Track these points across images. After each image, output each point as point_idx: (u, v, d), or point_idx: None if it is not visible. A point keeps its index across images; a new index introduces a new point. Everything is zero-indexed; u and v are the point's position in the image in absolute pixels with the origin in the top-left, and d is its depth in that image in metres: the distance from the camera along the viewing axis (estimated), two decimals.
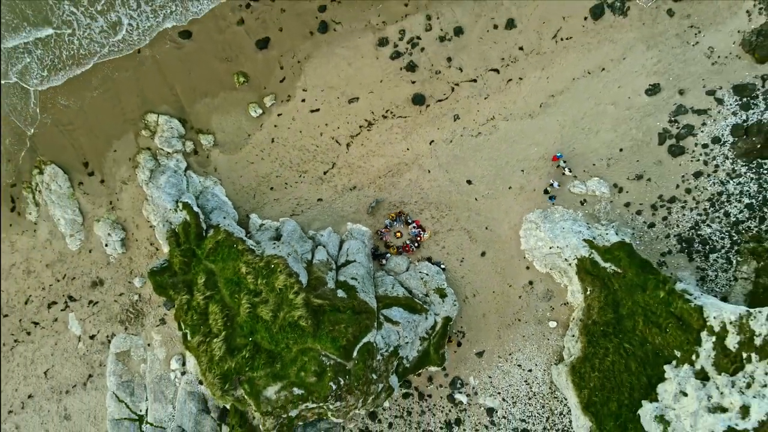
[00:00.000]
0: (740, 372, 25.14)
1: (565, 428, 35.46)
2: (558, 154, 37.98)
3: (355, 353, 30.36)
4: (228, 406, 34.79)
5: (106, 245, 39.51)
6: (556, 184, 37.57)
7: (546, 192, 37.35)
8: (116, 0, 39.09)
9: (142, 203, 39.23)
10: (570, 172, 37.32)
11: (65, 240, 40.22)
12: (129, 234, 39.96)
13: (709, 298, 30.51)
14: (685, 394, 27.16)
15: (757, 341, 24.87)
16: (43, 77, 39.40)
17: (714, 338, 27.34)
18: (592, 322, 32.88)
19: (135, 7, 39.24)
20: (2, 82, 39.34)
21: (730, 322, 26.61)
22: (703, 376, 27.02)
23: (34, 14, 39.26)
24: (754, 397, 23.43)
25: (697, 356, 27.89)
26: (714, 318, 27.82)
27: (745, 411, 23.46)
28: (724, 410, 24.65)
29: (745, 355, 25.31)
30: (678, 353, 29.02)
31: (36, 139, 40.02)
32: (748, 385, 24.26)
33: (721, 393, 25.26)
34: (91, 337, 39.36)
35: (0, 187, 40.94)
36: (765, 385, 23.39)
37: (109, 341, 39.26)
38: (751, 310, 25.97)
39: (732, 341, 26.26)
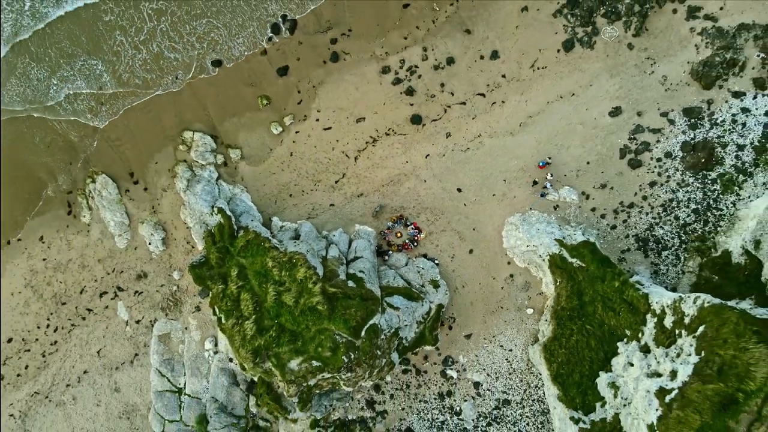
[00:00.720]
0: (673, 345, 30.09)
1: (540, 398, 39.87)
2: (541, 162, 42.02)
3: (363, 333, 34.99)
4: (256, 379, 39.48)
5: (149, 243, 43.64)
6: (549, 185, 41.38)
7: (536, 183, 41.27)
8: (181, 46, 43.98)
9: (179, 208, 43.48)
10: (551, 176, 41.97)
11: (114, 239, 44.27)
12: (168, 234, 44.05)
13: (656, 287, 35.18)
14: (632, 365, 32.03)
15: (686, 320, 29.72)
16: (103, 116, 44.00)
17: (655, 319, 32.20)
18: (561, 308, 37.49)
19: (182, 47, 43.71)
20: (63, 117, 43.53)
21: (667, 306, 31.45)
22: (645, 350, 31.84)
23: (89, 43, 43.80)
24: (681, 363, 28.31)
25: (642, 334, 32.74)
26: (656, 303, 32.65)
27: (673, 374, 28.36)
28: (659, 375, 29.52)
29: (677, 331, 30.15)
30: (628, 332, 33.78)
31: (89, 151, 44.68)
32: (678, 355, 29.15)
33: (658, 362, 30.16)
34: (137, 322, 43.58)
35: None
36: (690, 354, 28.30)
37: (152, 325, 43.38)
38: (683, 296, 30.78)
39: (668, 321, 31.11)
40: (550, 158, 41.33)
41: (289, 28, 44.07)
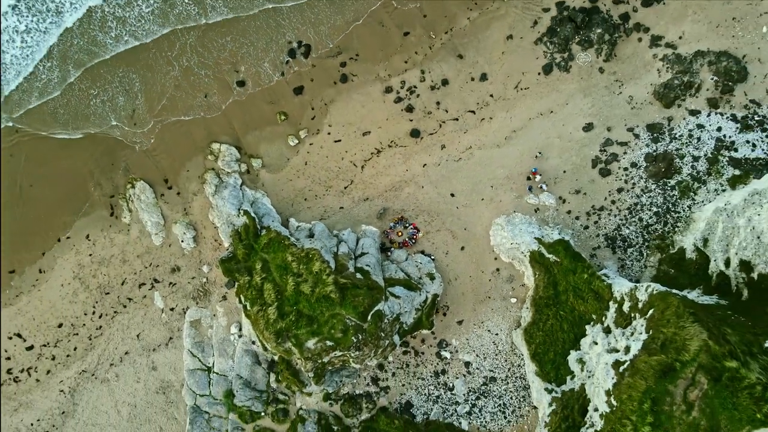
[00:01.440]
0: (628, 326, 34.74)
1: (521, 375, 43.67)
2: (534, 169, 45.58)
3: (369, 317, 39.25)
4: (277, 358, 43.91)
5: (182, 241, 47.09)
6: (544, 185, 45.14)
7: (531, 189, 45.29)
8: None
9: (208, 210, 46.87)
10: (540, 177, 45.25)
11: (151, 237, 47.52)
12: (198, 233, 47.45)
13: (618, 278, 39.68)
14: (596, 343, 36.55)
15: (639, 305, 34.26)
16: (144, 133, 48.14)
17: (616, 305, 36.78)
18: (539, 297, 41.78)
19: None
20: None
21: (626, 294, 36.01)
22: (607, 331, 36.41)
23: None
24: (633, 340, 32.91)
25: (605, 318, 37.33)
26: (617, 291, 37.20)
27: (627, 349, 32.94)
28: (616, 351, 34.03)
29: (632, 314, 34.66)
30: (594, 317, 38.33)
31: (128, 160, 49.16)
32: (632, 334, 33.74)
33: (616, 340, 34.79)
34: (171, 309, 47.13)
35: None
36: (640, 333, 32.92)
37: (185, 312, 46.84)
38: (637, 285, 35.33)
39: (626, 306, 35.68)
40: (536, 170, 45.88)
41: (303, 53, 48.57)
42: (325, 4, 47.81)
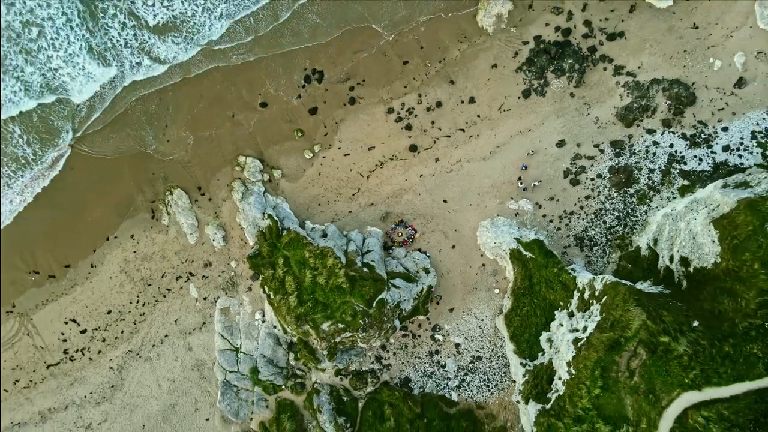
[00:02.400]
0: (587, 310, 40.50)
1: (503, 355, 48.46)
2: (523, 166, 50.07)
3: (374, 304, 44.41)
4: (296, 340, 49.59)
5: (213, 240, 51.58)
6: (536, 183, 49.26)
7: (520, 182, 49.50)
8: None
9: (235, 213, 51.30)
10: (522, 183, 49.88)
11: (187, 237, 51.88)
12: (227, 233, 51.88)
13: (583, 272, 44.84)
14: (562, 325, 42.10)
15: (596, 293, 39.97)
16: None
17: (579, 294, 42.40)
18: (517, 288, 46.97)
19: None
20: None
21: (586, 284, 41.63)
22: (571, 315, 42.11)
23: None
24: (590, 321, 38.66)
25: (570, 304, 42.92)
26: (580, 282, 42.68)
27: (585, 329, 38.58)
28: (577, 330, 39.87)
29: (591, 301, 40.42)
30: (561, 304, 43.88)
31: (167, 171, 54.66)
32: (589, 316, 39.43)
33: (577, 322, 40.57)
34: (204, 299, 51.77)
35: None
36: (596, 315, 38.59)
37: (216, 301, 51.39)
38: (595, 276, 40.98)
39: (586, 294, 41.29)
40: (525, 166, 50.16)
41: (317, 79, 53.95)
42: (337, 40, 53.22)
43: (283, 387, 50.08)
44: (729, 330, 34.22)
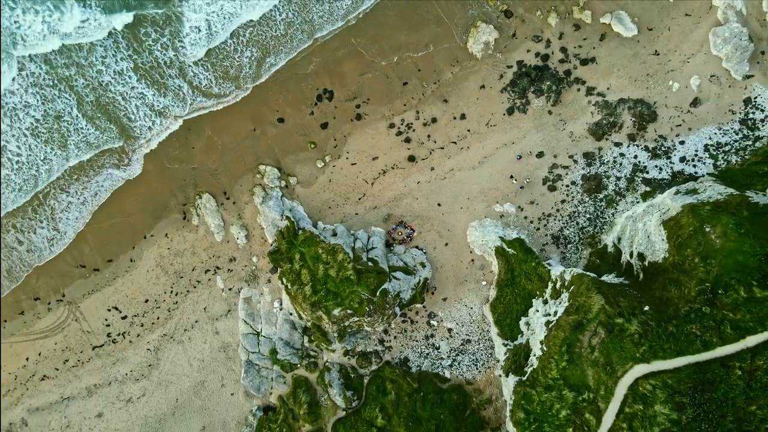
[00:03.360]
0: (558, 298, 45.97)
1: (489, 338, 53.11)
2: (518, 155, 54.16)
3: (377, 293, 49.36)
4: (309, 324, 54.69)
5: (237, 238, 55.46)
6: (527, 180, 53.64)
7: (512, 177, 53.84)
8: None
9: (256, 215, 55.75)
10: (516, 181, 54.27)
11: (214, 235, 55.58)
12: (249, 232, 55.75)
13: (557, 266, 49.96)
14: (537, 311, 47.54)
15: (566, 283, 45.44)
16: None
17: (552, 284, 47.69)
18: (501, 280, 51.66)
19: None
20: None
21: (558, 276, 47.11)
22: (545, 302, 47.53)
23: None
24: (559, 306, 44.12)
25: (545, 293, 48.18)
26: (553, 275, 47.97)
27: (555, 313, 44.09)
28: (548, 314, 45.43)
29: (561, 290, 45.76)
30: (538, 293, 48.93)
31: (197, 178, 59.76)
32: (560, 303, 44.70)
33: (550, 307, 46.07)
34: (229, 289, 55.85)
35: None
36: (564, 301, 44.04)
37: (239, 292, 55.41)
38: (565, 269, 46.28)
39: (558, 285, 46.12)
40: (520, 156, 54.71)
41: (328, 98, 58.93)
42: (346, 63, 58.46)
43: (299, 365, 54.91)
44: (673, 313, 39.48)
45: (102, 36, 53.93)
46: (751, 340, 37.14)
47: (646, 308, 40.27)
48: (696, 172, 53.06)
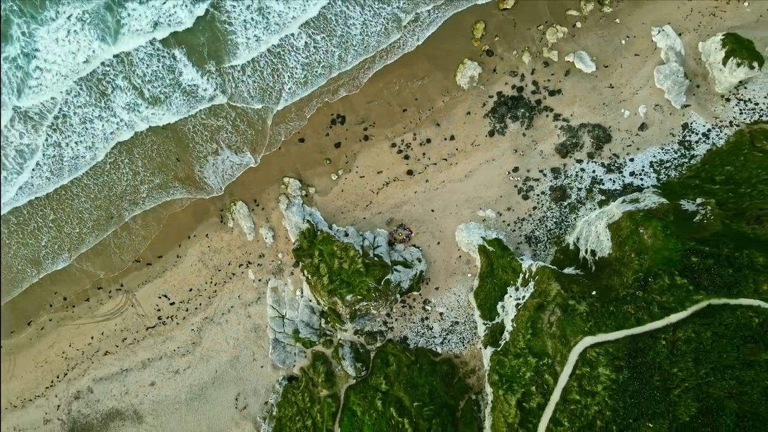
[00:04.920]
0: (526, 285, 54.17)
1: (473, 321, 59.43)
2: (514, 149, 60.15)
3: (382, 283, 56.38)
4: (326, 309, 63.18)
5: (265, 238, 59.95)
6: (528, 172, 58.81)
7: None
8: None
9: (281, 219, 59.82)
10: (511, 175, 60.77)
11: (246, 236, 60.30)
12: (276, 233, 60.52)
13: (527, 260, 57.31)
14: (511, 296, 55.59)
15: (533, 273, 53.32)
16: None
17: (522, 275, 55.38)
18: (483, 272, 58.23)
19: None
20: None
21: (527, 268, 55.01)
22: (516, 289, 55.58)
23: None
24: (527, 292, 52.39)
25: (517, 282, 56.08)
26: (524, 267, 55.88)
27: (523, 297, 52.49)
28: (519, 299, 53.57)
29: (529, 279, 53.56)
30: (512, 282, 56.20)
31: (232, 189, 67.38)
32: (528, 289, 52.70)
33: (520, 293, 54.09)
34: (259, 280, 60.78)
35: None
36: (531, 288, 52.18)
37: (267, 282, 60.46)
38: (533, 262, 53.85)
39: (527, 275, 54.35)
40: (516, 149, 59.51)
41: (341, 122, 67.18)
42: (355, 97, 66.69)
43: (317, 343, 60.04)
44: (614, 296, 47.00)
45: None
46: (673, 318, 43.62)
47: (594, 293, 47.84)
48: (643, 184, 61.03)
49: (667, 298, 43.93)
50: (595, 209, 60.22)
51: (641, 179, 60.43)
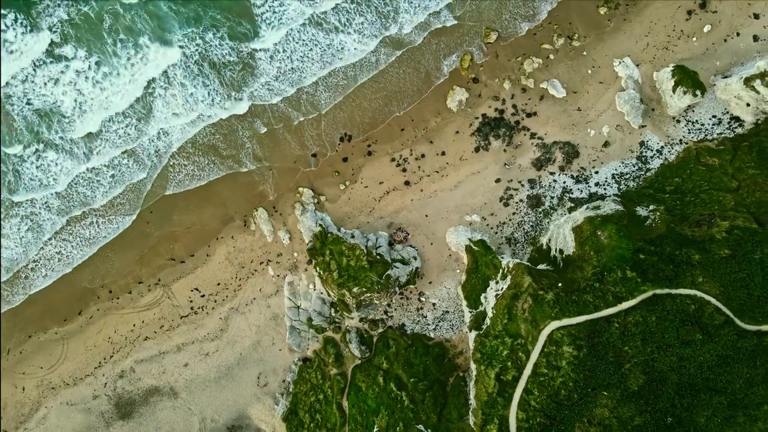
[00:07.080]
0: (504, 279, 60.74)
1: (461, 310, 61.30)
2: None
3: (383, 277, 63.48)
4: (335, 300, 69.87)
5: (283, 240, 63.20)
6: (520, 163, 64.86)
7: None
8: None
9: (297, 223, 63.10)
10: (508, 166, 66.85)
11: (266, 238, 63.92)
12: (292, 235, 64.17)
13: (507, 258, 64.46)
14: (492, 288, 62.23)
15: (510, 269, 59.89)
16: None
17: (501, 270, 61.79)
18: (469, 269, 62.01)
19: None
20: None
21: (505, 264, 61.66)
22: (497, 282, 62.62)
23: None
24: (505, 284, 59.10)
25: (497, 276, 62.86)
26: (503, 264, 62.19)
27: (501, 289, 58.89)
28: (498, 290, 60.06)
29: (507, 274, 59.84)
30: (493, 276, 62.02)
31: (251, 198, 74.68)
32: (505, 282, 59.34)
33: (499, 285, 60.72)
34: (278, 276, 63.91)
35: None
36: (508, 281, 58.85)
37: (285, 277, 64.55)
38: (510, 260, 60.87)
39: (505, 271, 60.85)
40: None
41: (348, 139, 73.59)
42: (360, 117, 73.68)
43: (328, 329, 63.87)
44: (577, 288, 52.76)
45: None
46: (625, 305, 49.05)
47: (560, 284, 53.77)
48: (606, 193, 67.42)
49: (620, 289, 49.20)
50: (565, 215, 66.61)
51: (605, 189, 66.96)
